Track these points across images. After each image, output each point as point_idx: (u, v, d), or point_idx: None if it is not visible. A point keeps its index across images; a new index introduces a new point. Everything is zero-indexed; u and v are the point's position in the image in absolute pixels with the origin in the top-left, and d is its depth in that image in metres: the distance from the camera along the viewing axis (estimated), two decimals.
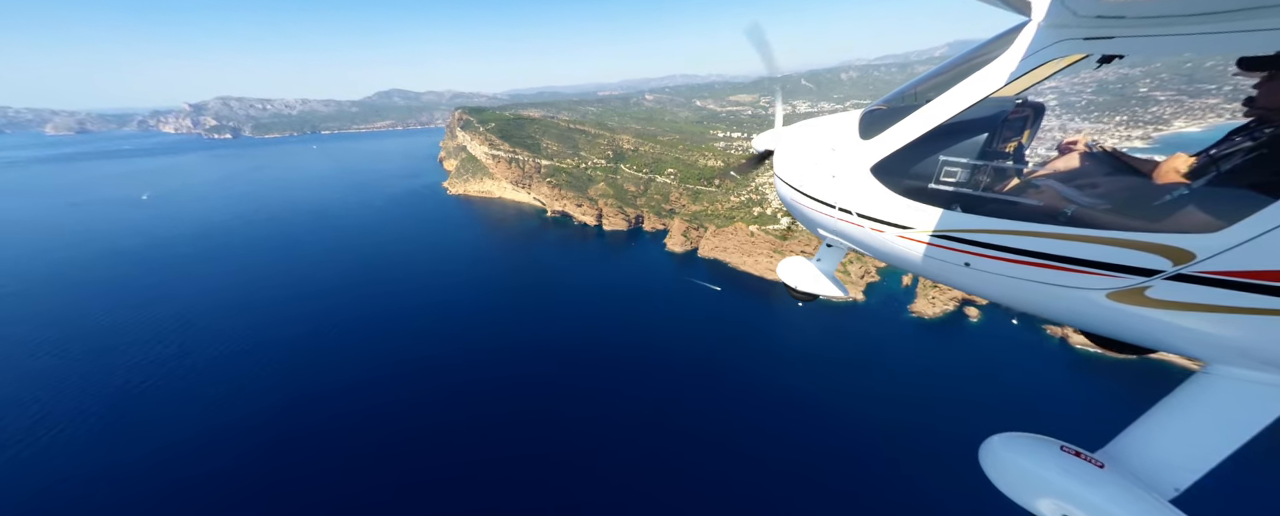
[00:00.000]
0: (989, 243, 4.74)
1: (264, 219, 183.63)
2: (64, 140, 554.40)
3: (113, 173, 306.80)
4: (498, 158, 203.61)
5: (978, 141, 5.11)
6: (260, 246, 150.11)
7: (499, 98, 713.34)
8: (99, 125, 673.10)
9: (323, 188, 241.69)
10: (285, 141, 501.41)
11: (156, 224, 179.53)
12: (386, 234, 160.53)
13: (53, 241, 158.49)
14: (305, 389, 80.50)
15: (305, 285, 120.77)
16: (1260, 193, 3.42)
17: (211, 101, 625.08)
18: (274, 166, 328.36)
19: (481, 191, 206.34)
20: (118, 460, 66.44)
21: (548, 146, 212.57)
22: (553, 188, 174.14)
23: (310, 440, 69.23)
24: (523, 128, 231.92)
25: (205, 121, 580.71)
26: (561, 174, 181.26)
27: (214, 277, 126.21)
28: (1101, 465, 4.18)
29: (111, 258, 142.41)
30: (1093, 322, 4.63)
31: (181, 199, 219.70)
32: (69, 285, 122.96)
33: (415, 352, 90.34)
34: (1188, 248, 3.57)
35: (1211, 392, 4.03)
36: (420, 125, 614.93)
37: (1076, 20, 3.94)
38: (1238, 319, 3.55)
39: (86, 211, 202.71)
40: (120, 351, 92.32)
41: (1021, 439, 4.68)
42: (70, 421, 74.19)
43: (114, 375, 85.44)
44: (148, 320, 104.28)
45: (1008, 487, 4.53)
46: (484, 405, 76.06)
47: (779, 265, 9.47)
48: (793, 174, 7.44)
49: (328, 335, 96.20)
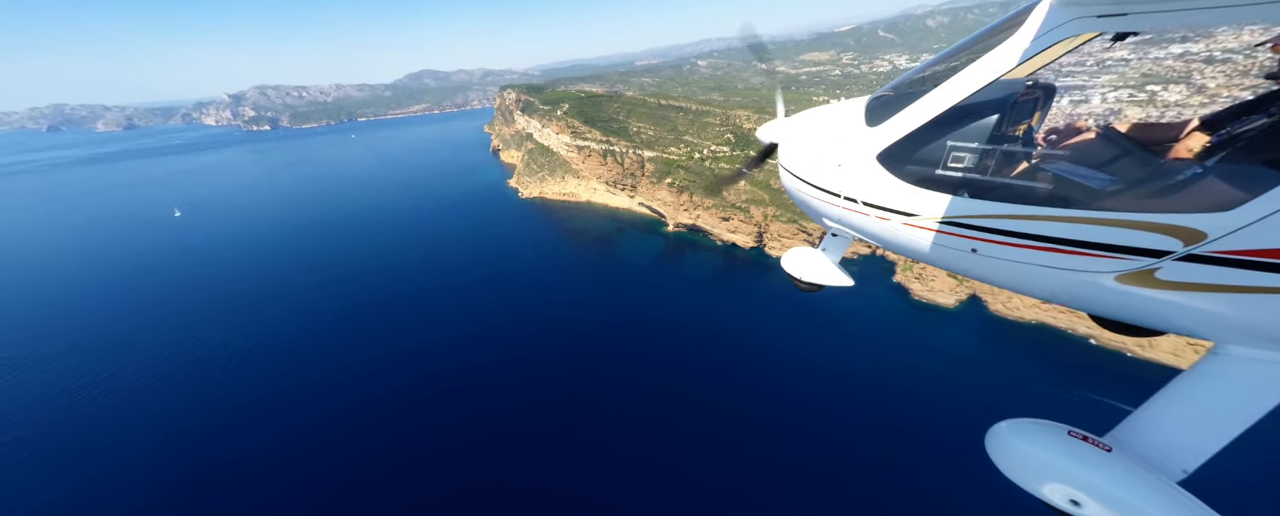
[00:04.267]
0: (996, 228, 4.66)
1: (307, 236, 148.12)
2: (112, 137, 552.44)
3: (151, 175, 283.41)
4: (585, 149, 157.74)
5: (987, 125, 5.01)
6: (302, 288, 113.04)
7: (531, 73, 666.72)
8: (146, 119, 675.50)
9: (368, 189, 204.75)
10: (323, 132, 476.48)
11: (183, 254, 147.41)
12: (452, 260, 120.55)
13: (49, 275, 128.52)
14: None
15: (355, 352, 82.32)
16: (1275, 169, 3.36)
17: (249, 91, 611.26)
18: (313, 161, 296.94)
19: (563, 193, 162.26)
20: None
21: (641, 131, 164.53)
22: (674, 190, 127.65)
23: None
24: (602, 107, 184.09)
25: (244, 112, 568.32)
26: (677, 169, 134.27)
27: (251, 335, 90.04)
28: (1109, 449, 4.11)
29: (130, 292, 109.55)
30: (1101, 306, 4.55)
31: (217, 212, 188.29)
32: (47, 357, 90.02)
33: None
34: (1199, 227, 3.52)
35: (1220, 373, 3.97)
36: (456, 108, 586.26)
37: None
38: (1250, 298, 3.49)
39: (103, 234, 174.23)
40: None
41: (1028, 424, 4.57)
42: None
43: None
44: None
45: (1014, 474, 4.39)
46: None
47: (783, 256, 9.17)
48: (798, 164, 7.20)
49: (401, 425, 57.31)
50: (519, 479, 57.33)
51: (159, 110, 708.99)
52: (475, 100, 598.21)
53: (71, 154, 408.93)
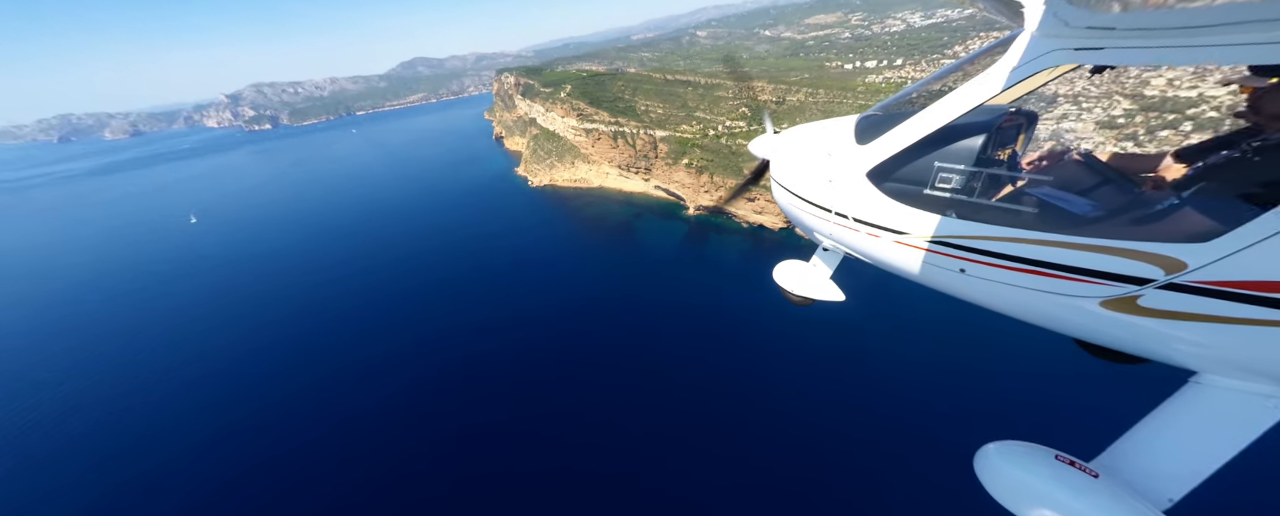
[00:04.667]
0: (984, 249, 4.76)
1: (321, 234, 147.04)
2: (120, 145, 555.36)
3: (163, 182, 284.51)
4: (593, 132, 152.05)
5: (973, 148, 5.14)
6: (325, 287, 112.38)
7: (525, 55, 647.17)
8: (150, 125, 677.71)
9: (376, 186, 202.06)
10: (323, 128, 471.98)
11: (213, 255, 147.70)
12: (467, 255, 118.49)
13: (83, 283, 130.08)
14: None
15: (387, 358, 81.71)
16: (1253, 203, 3.44)
17: (246, 90, 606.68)
18: (318, 158, 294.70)
19: (574, 180, 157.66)
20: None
21: (650, 109, 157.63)
22: (692, 171, 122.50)
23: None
24: (605, 86, 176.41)
25: (244, 112, 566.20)
26: (694, 149, 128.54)
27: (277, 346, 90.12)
28: (1096, 475, 4.14)
29: (165, 309, 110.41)
30: (1086, 331, 4.63)
31: (232, 215, 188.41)
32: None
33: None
34: (1180, 257, 3.60)
35: (1203, 402, 4.02)
36: (452, 95, 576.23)
37: (1068, 31, 3.95)
38: (1230, 329, 3.56)
39: (125, 242, 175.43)
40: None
41: (1016, 447, 4.63)
42: None
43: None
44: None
45: (1002, 496, 4.44)
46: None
47: (775, 269, 9.12)
48: (789, 178, 7.29)
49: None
50: (571, 474, 56.41)
51: (162, 115, 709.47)
52: (471, 86, 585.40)
53: (84, 165, 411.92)
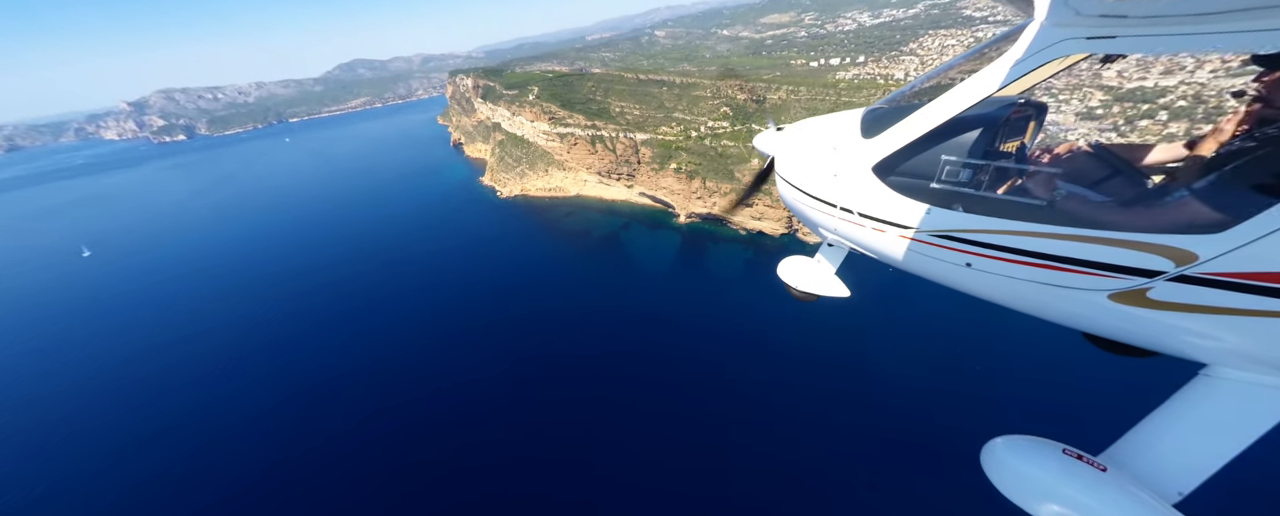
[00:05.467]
0: (990, 243, 4.69)
1: (254, 263, 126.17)
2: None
3: (46, 205, 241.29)
4: (568, 137, 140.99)
5: (980, 141, 5.03)
6: (260, 330, 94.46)
7: (475, 56, 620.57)
8: (31, 139, 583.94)
9: (319, 202, 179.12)
10: (250, 137, 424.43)
11: (107, 300, 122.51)
12: (433, 278, 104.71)
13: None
14: None
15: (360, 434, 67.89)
16: (1265, 193, 3.38)
17: (152, 96, 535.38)
18: (247, 174, 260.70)
19: (549, 189, 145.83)
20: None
21: (625, 111, 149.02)
22: (681, 177, 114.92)
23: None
24: (575, 88, 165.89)
25: (151, 122, 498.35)
26: (680, 153, 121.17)
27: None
28: (1104, 468, 4.07)
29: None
30: (1094, 324, 4.58)
31: (135, 247, 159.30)
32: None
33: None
34: (1191, 248, 3.54)
35: (1213, 395, 3.96)
36: (399, 99, 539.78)
37: (1079, 19, 3.88)
38: (1241, 321, 3.51)
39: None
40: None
41: (1022, 442, 4.57)
42: None
43: None
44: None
45: (1009, 491, 4.40)
46: None
47: (779, 265, 9.03)
48: (794, 173, 7.21)
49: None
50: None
51: (45, 127, 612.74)
52: (420, 89, 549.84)
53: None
